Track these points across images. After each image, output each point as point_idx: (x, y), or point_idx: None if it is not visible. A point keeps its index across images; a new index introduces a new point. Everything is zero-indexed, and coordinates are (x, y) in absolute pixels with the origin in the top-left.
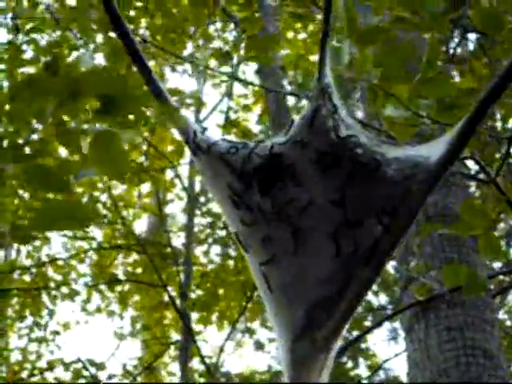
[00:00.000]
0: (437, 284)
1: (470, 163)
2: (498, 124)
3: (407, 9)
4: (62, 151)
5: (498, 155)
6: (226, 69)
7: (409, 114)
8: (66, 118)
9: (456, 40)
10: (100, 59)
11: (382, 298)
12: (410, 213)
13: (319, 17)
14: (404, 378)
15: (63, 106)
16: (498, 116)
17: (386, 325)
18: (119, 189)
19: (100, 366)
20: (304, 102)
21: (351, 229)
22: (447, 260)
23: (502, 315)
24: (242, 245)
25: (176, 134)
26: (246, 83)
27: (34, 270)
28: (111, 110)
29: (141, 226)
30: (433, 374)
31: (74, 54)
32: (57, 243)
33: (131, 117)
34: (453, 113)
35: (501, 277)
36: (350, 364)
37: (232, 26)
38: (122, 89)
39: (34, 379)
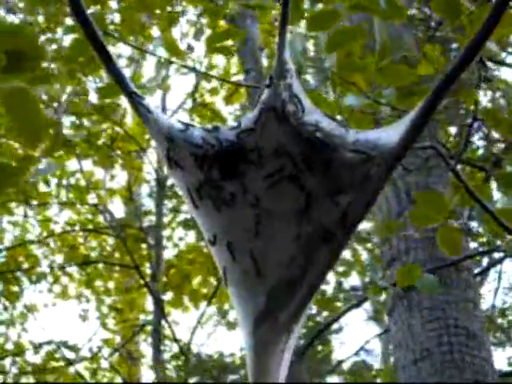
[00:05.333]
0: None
1: None
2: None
3: None
4: None
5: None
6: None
7: (368, 102)
8: None
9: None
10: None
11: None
12: (369, 195)
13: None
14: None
15: None
16: None
17: (365, 305)
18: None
19: (74, 349)
20: None
21: (310, 210)
22: (431, 240)
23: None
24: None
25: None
26: (210, 77)
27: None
28: (19, 66)
29: (116, 208)
30: (415, 354)
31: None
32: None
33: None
34: (412, 100)
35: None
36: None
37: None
38: (29, 44)
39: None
